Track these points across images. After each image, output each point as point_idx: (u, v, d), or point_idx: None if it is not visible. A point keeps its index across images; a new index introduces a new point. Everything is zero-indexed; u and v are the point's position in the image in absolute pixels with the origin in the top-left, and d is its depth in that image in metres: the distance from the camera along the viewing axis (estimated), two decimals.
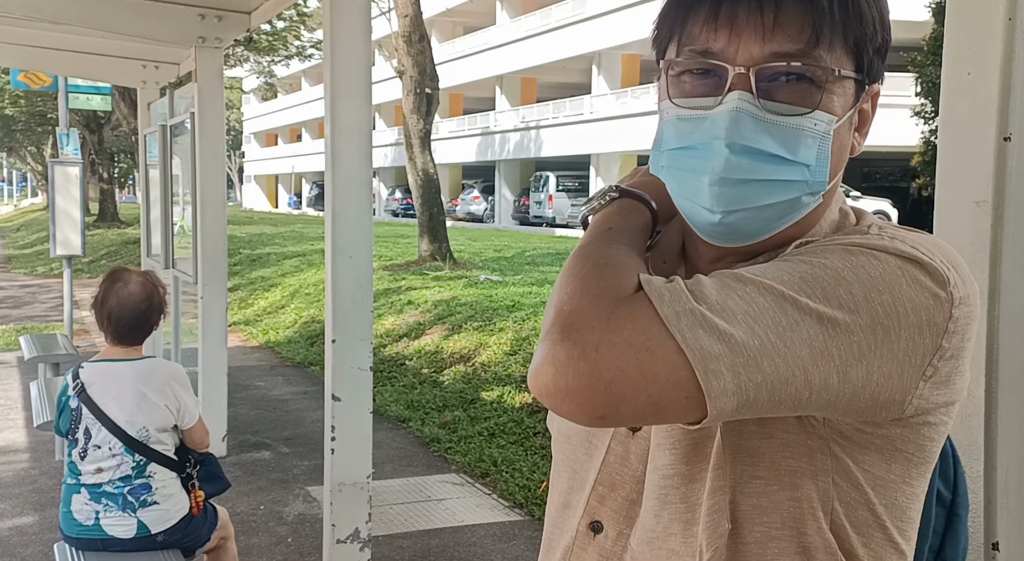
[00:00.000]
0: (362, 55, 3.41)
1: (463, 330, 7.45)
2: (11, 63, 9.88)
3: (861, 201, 23.09)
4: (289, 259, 13.58)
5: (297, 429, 5.85)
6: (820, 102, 0.75)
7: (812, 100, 0.74)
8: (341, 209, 3.40)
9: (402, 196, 33.70)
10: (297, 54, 22.59)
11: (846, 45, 0.76)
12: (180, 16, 4.88)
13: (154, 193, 6.40)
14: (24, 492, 4.56)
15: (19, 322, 10.21)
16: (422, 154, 12.09)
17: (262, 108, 53.28)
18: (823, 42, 0.74)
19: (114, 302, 2.73)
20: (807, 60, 0.73)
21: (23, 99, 23.74)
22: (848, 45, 0.76)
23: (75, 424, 2.68)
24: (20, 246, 22.27)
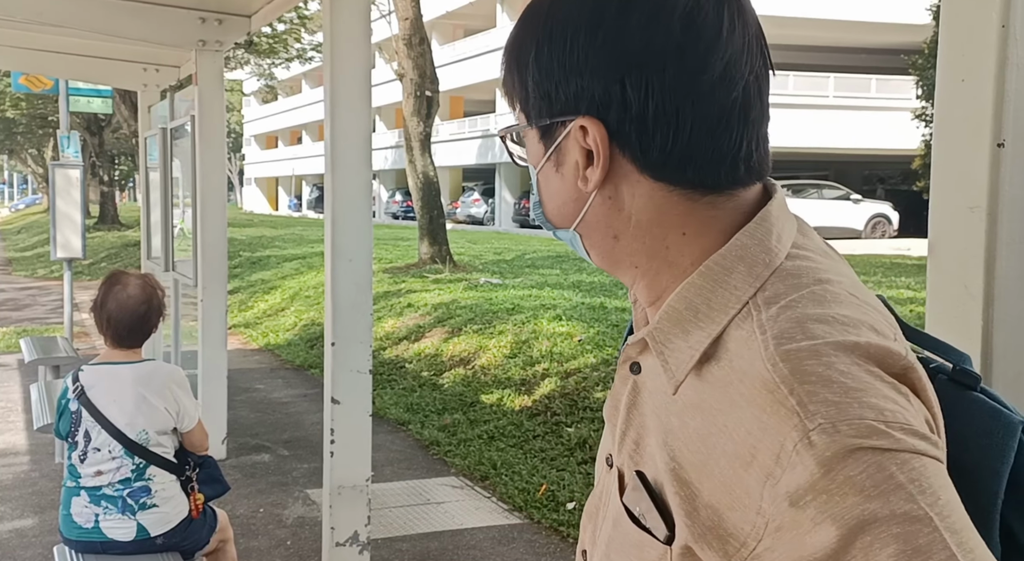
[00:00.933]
0: (362, 59, 3.43)
1: (463, 333, 7.46)
2: (13, 66, 9.90)
3: (862, 204, 23.11)
4: (289, 261, 13.60)
5: (297, 432, 5.86)
6: (529, 155, 0.82)
7: (524, 154, 0.83)
8: (341, 212, 3.42)
9: (402, 199, 33.72)
10: (297, 57, 22.64)
11: (514, 100, 0.81)
12: (181, 19, 4.89)
13: (154, 196, 6.41)
14: (24, 495, 4.56)
15: (19, 324, 10.22)
16: (422, 157, 12.10)
17: (262, 110, 53.32)
18: (511, 107, 0.81)
19: (113, 305, 2.74)
20: (508, 127, 0.84)
21: (24, 102, 23.77)
22: (516, 99, 0.80)
23: (75, 427, 2.69)
24: (21, 249, 22.30)
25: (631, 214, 0.76)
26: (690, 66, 0.72)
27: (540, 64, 0.76)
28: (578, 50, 0.73)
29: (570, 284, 10.04)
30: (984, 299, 1.44)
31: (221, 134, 5.21)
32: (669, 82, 0.72)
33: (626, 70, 0.72)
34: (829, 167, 28.88)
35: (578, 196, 0.77)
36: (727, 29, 0.73)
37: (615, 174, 0.75)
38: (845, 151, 24.84)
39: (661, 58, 0.72)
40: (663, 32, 0.71)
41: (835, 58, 26.43)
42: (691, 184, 0.74)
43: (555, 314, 7.62)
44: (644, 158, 0.74)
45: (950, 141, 1.50)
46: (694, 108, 0.72)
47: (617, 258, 0.79)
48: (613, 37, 0.72)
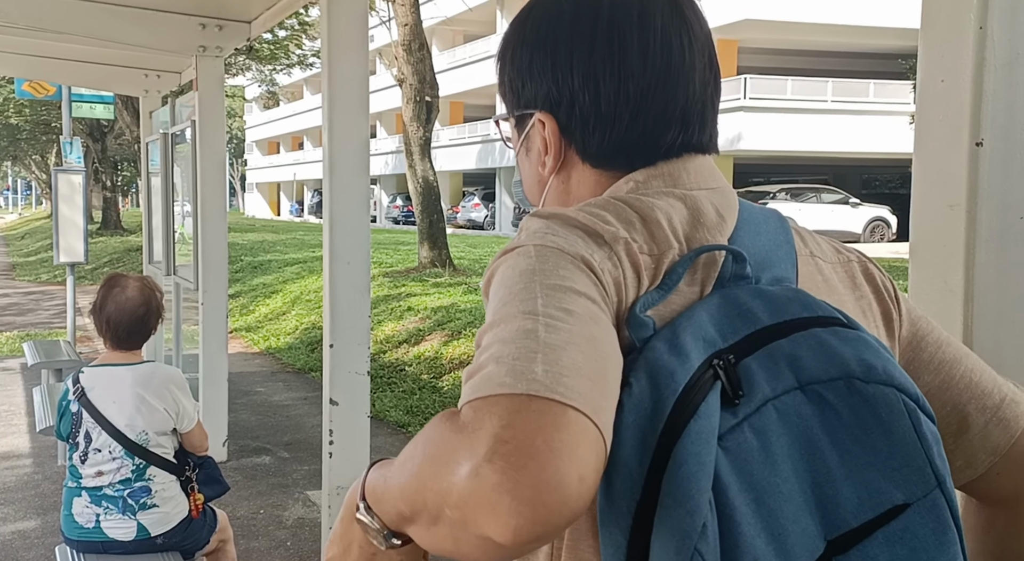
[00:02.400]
0: (359, 64, 3.46)
1: (462, 336, 7.49)
2: (16, 72, 9.95)
3: (861, 208, 23.12)
4: (290, 266, 13.63)
5: (297, 434, 5.89)
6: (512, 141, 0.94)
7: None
8: (339, 216, 3.45)
9: (403, 203, 33.76)
10: (298, 63, 22.68)
11: (498, 91, 0.93)
12: (181, 26, 4.94)
13: (156, 201, 6.45)
14: (27, 497, 4.60)
15: (23, 329, 10.26)
16: (422, 162, 12.14)
17: (264, 116, 53.43)
18: (501, 99, 0.93)
19: (112, 308, 2.77)
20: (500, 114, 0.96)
21: (27, 108, 23.84)
22: (500, 91, 0.93)
23: (76, 428, 2.72)
24: (24, 254, 22.35)
25: (575, 196, 0.87)
26: (626, 74, 0.83)
27: (515, 63, 0.89)
28: (541, 55, 0.86)
29: None
30: (964, 295, 1.47)
31: (221, 139, 5.25)
32: (609, 88, 0.83)
33: (575, 75, 0.84)
34: (827, 171, 28.90)
35: (540, 179, 0.90)
36: (666, 41, 0.84)
37: (567, 163, 0.88)
38: (843, 155, 24.86)
39: (605, 67, 0.83)
40: (606, 43, 0.83)
41: (833, 62, 26.47)
42: (622, 169, 0.85)
43: None
44: (585, 151, 0.86)
45: (930, 141, 1.53)
46: (630, 111, 0.83)
47: None
48: (567, 47, 0.84)
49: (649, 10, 0.84)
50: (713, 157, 0.88)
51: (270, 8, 4.75)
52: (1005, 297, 1.47)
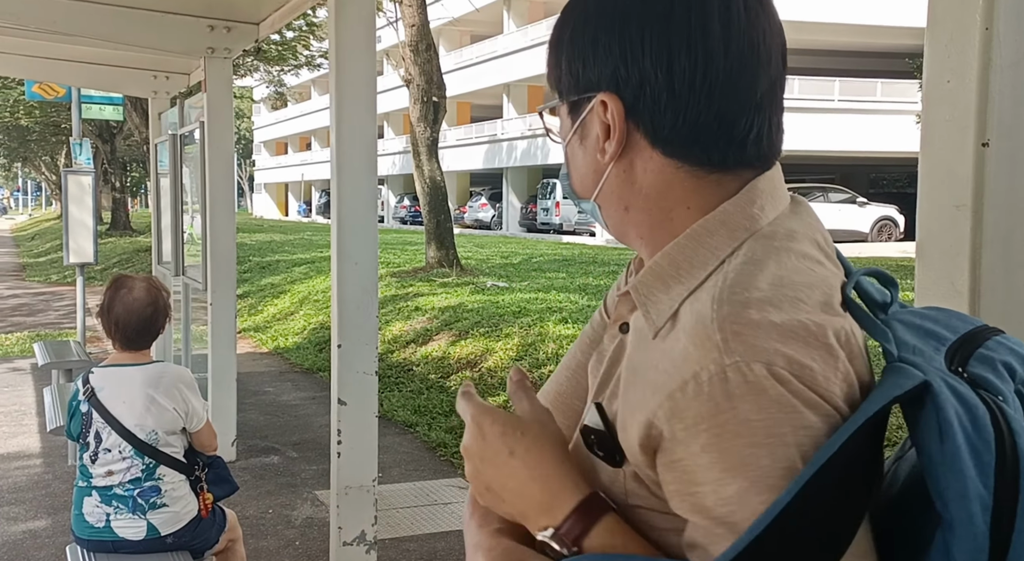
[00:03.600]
0: (367, 66, 3.48)
1: (470, 336, 7.50)
2: (26, 74, 10.01)
3: (868, 207, 23.05)
4: (298, 266, 13.67)
5: (305, 434, 5.91)
6: (560, 130, 0.89)
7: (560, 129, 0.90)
8: (347, 216, 3.47)
9: (410, 203, 33.81)
10: (306, 64, 22.73)
11: (549, 79, 0.89)
12: (190, 27, 4.96)
13: (165, 202, 6.48)
14: (37, 496, 4.63)
15: (33, 329, 10.32)
16: (429, 162, 12.16)
17: (272, 117, 53.55)
18: (551, 87, 0.88)
19: (120, 308, 2.78)
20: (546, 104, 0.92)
21: (37, 110, 23.95)
22: (551, 78, 0.88)
23: (86, 428, 2.74)
24: (35, 254, 22.45)
25: (642, 187, 0.82)
26: (707, 53, 0.78)
27: (574, 44, 0.84)
28: (606, 32, 0.81)
29: (576, 287, 10.07)
30: (970, 295, 1.48)
31: (230, 140, 5.27)
32: (685, 66, 0.78)
33: (646, 53, 0.79)
34: (835, 170, 28.82)
35: (597, 168, 0.84)
36: (750, 23, 0.79)
37: (630, 149, 0.82)
38: (851, 154, 24.79)
39: (682, 43, 0.78)
40: (684, 21, 0.78)
41: (840, 62, 26.39)
42: (698, 162, 0.80)
43: (561, 317, 7.66)
44: (655, 134, 0.80)
45: (936, 141, 1.53)
46: (707, 92, 0.78)
47: (626, 229, 0.86)
48: (639, 23, 0.79)
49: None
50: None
51: (278, 10, 4.77)
52: (1011, 298, 1.48)
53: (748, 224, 0.78)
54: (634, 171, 0.82)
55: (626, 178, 0.83)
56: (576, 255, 16.05)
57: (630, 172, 0.82)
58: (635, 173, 0.82)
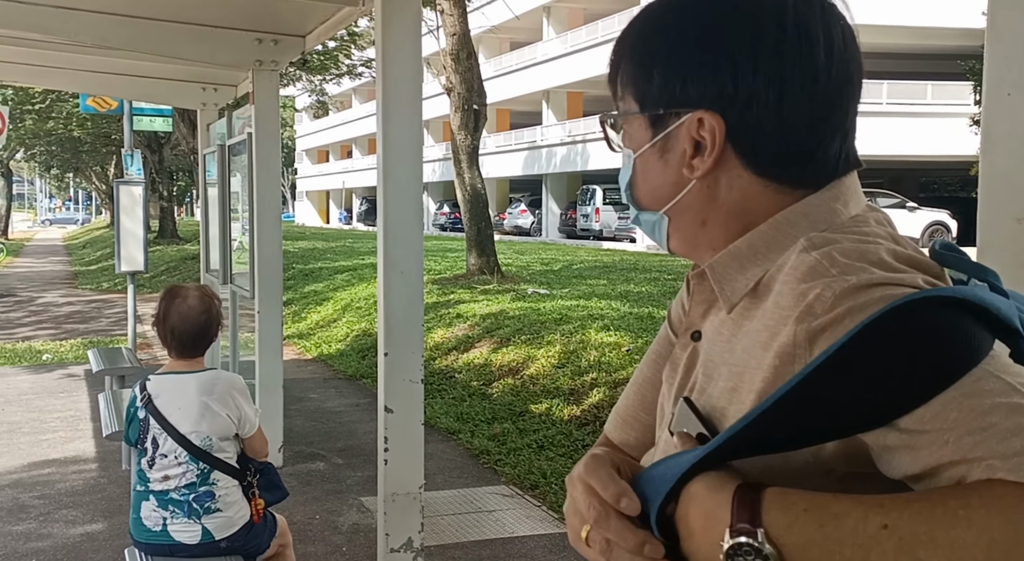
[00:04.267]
0: (413, 76, 3.52)
1: (511, 343, 7.53)
2: (81, 88, 10.30)
3: (919, 212, 22.64)
4: (340, 273, 13.82)
5: (350, 440, 5.98)
6: (622, 140, 0.89)
7: (621, 139, 0.89)
8: (393, 225, 3.51)
9: (450, 210, 33.98)
10: (348, 72, 23.01)
11: (626, 89, 0.87)
12: (239, 41, 5.07)
13: (213, 211, 6.61)
14: (94, 500, 4.74)
15: (86, 336, 10.58)
16: (470, 169, 12.23)
17: (314, 125, 54.24)
18: (617, 93, 0.88)
19: (176, 317, 2.86)
20: (609, 110, 0.90)
21: (89, 122, 24.56)
22: (629, 89, 0.87)
23: (143, 434, 2.81)
24: (86, 262, 23.01)
25: (724, 203, 0.83)
26: (814, 79, 0.80)
27: (672, 57, 0.83)
28: (714, 51, 0.81)
29: (618, 294, 10.05)
30: None
31: (276, 150, 5.37)
32: (796, 90, 0.80)
33: (759, 74, 0.80)
34: (883, 175, 28.35)
35: (677, 181, 0.84)
36: (847, 53, 0.82)
37: (719, 166, 0.82)
38: (900, 158, 24.36)
39: (793, 68, 0.80)
40: (796, 46, 0.80)
41: (888, 64, 25.94)
42: (788, 181, 0.82)
43: (603, 324, 7.65)
44: (753, 155, 0.81)
45: (997, 154, 1.52)
46: (810, 116, 0.81)
47: (698, 242, 0.87)
48: (752, 44, 0.80)
49: (828, 13, 0.81)
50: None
51: (324, 22, 4.86)
52: None
53: (829, 217, 0.80)
54: (718, 187, 0.83)
55: (709, 194, 0.83)
56: (617, 261, 16.01)
57: (714, 188, 0.83)
58: (719, 189, 0.83)
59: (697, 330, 0.87)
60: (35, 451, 5.67)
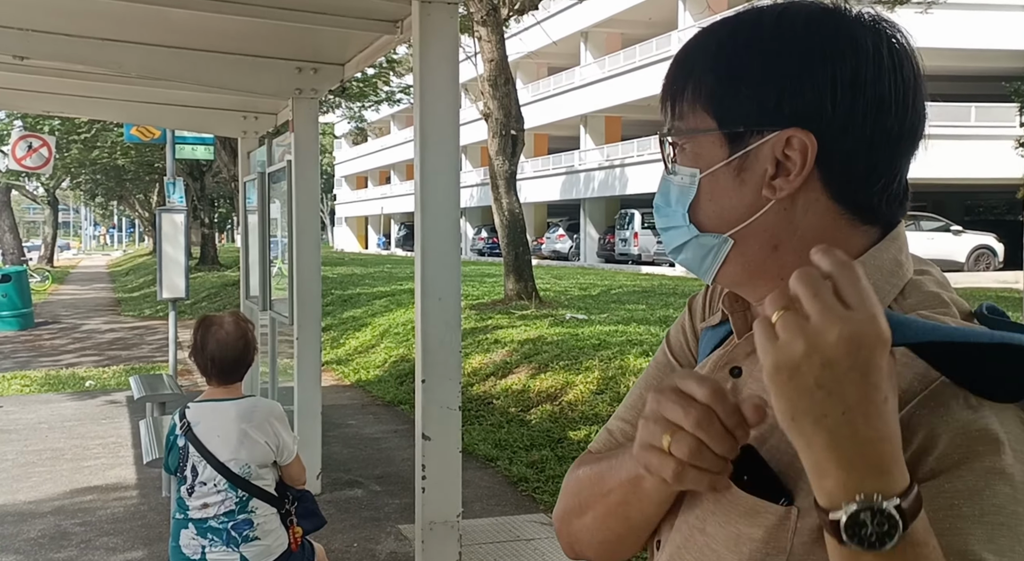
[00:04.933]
0: (450, 102, 3.52)
1: (550, 369, 7.47)
2: (126, 118, 10.52)
3: (964, 236, 22.20)
4: (379, 299, 13.88)
5: (388, 467, 5.95)
6: (679, 159, 0.85)
7: (677, 158, 0.86)
8: (430, 252, 3.50)
9: (488, 235, 34.09)
10: (386, 99, 23.31)
11: (696, 106, 0.83)
12: (279, 70, 5.13)
13: (252, 238, 6.68)
14: (134, 527, 4.76)
15: (128, 363, 10.72)
16: (508, 195, 12.25)
17: (352, 152, 54.96)
18: (676, 111, 0.85)
19: (214, 346, 2.86)
20: (665, 128, 0.87)
21: (133, 150, 25.13)
22: (699, 105, 0.83)
23: (183, 462, 2.81)
24: (128, 289, 23.42)
25: (798, 227, 0.81)
26: (903, 108, 0.79)
27: (766, 73, 0.80)
28: (809, 69, 0.79)
29: (657, 319, 9.94)
30: None
31: (316, 177, 5.41)
32: (890, 120, 0.79)
33: (856, 98, 0.78)
34: (926, 198, 27.93)
35: (753, 202, 0.81)
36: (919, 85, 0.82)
37: (800, 188, 0.80)
38: (944, 181, 23.94)
39: (895, 93, 0.79)
40: (891, 75, 0.79)
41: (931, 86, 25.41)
42: (862, 213, 0.81)
43: (642, 350, 7.56)
44: (841, 178, 0.79)
45: None
46: (896, 147, 0.80)
47: (766, 268, 0.82)
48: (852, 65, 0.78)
49: (909, 49, 0.82)
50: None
51: (363, 50, 4.90)
52: None
53: (902, 271, 0.81)
54: (795, 210, 0.80)
55: (786, 216, 0.81)
56: (656, 286, 15.88)
57: (791, 210, 0.81)
58: (796, 212, 0.80)
59: (738, 366, 0.84)
60: (77, 478, 5.73)
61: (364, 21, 4.25)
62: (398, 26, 4.22)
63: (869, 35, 0.79)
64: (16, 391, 8.92)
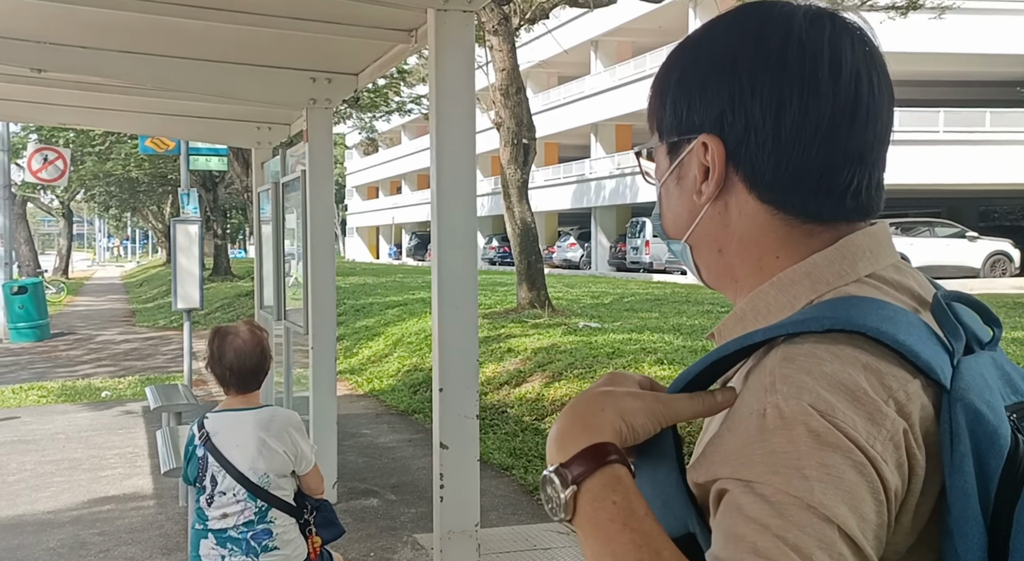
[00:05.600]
0: (466, 111, 3.52)
1: (564, 377, 7.45)
2: (141, 130, 10.59)
3: (979, 242, 22.06)
4: (391, 308, 13.90)
5: (403, 476, 5.93)
6: (649, 172, 0.91)
7: (646, 172, 0.92)
8: (447, 261, 3.50)
9: (499, 244, 34.12)
10: (397, 109, 23.38)
11: (650, 121, 0.89)
12: (293, 80, 5.16)
13: (267, 248, 6.70)
14: (152, 537, 4.77)
15: (143, 373, 10.76)
16: (520, 203, 12.26)
17: (364, 162, 55.13)
18: (651, 129, 0.89)
19: (232, 355, 2.86)
20: (642, 144, 0.93)
21: (147, 162, 25.29)
22: (651, 120, 0.89)
23: (202, 472, 2.81)
24: (143, 300, 23.54)
25: (735, 231, 0.83)
26: (816, 102, 0.78)
27: (681, 86, 0.84)
28: (715, 75, 0.81)
29: (670, 327, 9.91)
30: None
31: (330, 187, 5.42)
32: (795, 113, 0.78)
33: (756, 97, 0.79)
34: (941, 204, 27.79)
35: (692, 208, 0.85)
36: (857, 73, 0.79)
37: (727, 191, 0.82)
38: (958, 187, 23.84)
39: (793, 90, 0.78)
40: (797, 68, 0.78)
41: (945, 92, 25.53)
42: (795, 211, 0.80)
43: (657, 358, 7.53)
44: (755, 178, 0.80)
45: None
46: (811, 141, 0.78)
47: (720, 272, 0.86)
48: (751, 67, 0.80)
49: (840, 35, 0.79)
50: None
51: (376, 60, 4.92)
52: None
53: (832, 279, 0.77)
54: (729, 214, 0.83)
55: (720, 220, 0.83)
56: (668, 294, 15.84)
57: (724, 215, 0.83)
58: (730, 216, 0.83)
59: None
60: (95, 487, 5.74)
61: (378, 30, 4.27)
62: (412, 35, 4.23)
63: (779, 33, 0.78)
64: (33, 402, 8.96)
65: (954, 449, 0.68)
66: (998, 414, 0.70)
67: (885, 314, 0.72)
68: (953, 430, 0.68)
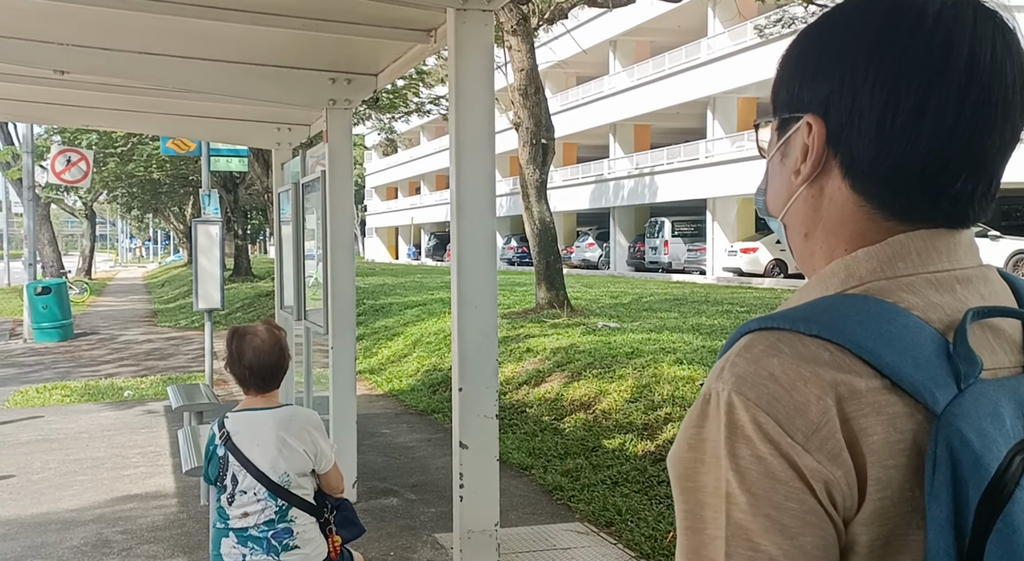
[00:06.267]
0: (485, 111, 3.53)
1: (583, 377, 7.43)
2: (163, 131, 10.68)
3: (1001, 241, 21.80)
4: (410, 308, 13.93)
5: (423, 476, 5.95)
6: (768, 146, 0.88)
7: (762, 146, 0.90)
8: (466, 261, 3.50)
9: (517, 245, 34.15)
10: (416, 110, 23.43)
11: (771, 98, 0.87)
12: (313, 81, 5.18)
13: (287, 248, 6.73)
14: (174, 535, 4.80)
15: (165, 373, 10.85)
16: (538, 203, 12.25)
17: (383, 163, 55.32)
18: (772, 103, 0.87)
19: (251, 355, 2.87)
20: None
21: (168, 163, 25.49)
22: (772, 99, 0.87)
23: (223, 471, 2.82)
24: (165, 301, 23.74)
25: (823, 217, 0.81)
26: (939, 97, 0.73)
27: (798, 63, 0.83)
28: (828, 55, 0.79)
29: (689, 327, 9.87)
30: None
31: (349, 188, 5.44)
32: (905, 106, 0.74)
33: (867, 81, 0.75)
34: None
35: (789, 187, 0.83)
36: (994, 71, 0.73)
37: (825, 175, 0.80)
38: None
39: (910, 81, 0.74)
40: (922, 58, 0.73)
41: None
42: (883, 205, 0.77)
43: (676, 358, 7.51)
44: (852, 165, 0.77)
45: None
46: (922, 135, 0.73)
47: (803, 257, 0.85)
48: (868, 50, 0.76)
49: (983, 27, 0.73)
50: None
51: (396, 61, 4.93)
52: None
53: (865, 274, 0.75)
54: (822, 198, 0.81)
55: (813, 203, 0.81)
56: (687, 294, 15.78)
57: (819, 198, 0.81)
58: (823, 200, 0.81)
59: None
60: (117, 486, 5.79)
61: (398, 30, 4.28)
62: (432, 35, 4.24)
63: (913, 17, 0.74)
64: (57, 401, 9.06)
65: (935, 478, 0.67)
66: (988, 443, 0.67)
67: (868, 320, 0.70)
68: (937, 457, 0.67)
